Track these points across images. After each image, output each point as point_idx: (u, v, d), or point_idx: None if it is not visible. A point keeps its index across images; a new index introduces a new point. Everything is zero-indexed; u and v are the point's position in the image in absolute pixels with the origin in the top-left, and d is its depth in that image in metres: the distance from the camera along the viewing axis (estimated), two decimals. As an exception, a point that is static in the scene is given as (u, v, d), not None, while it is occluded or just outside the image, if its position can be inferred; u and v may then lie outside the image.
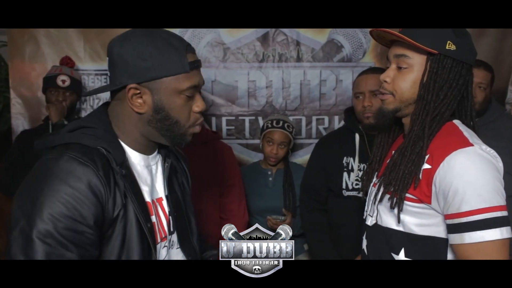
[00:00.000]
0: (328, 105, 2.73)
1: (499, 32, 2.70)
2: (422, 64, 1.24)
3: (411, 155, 1.23)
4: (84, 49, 2.68)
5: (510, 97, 2.82)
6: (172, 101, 1.09)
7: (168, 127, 1.12)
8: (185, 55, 1.09)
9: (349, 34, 2.67)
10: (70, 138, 1.07)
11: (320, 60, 2.70)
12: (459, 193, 1.13)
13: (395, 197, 1.23)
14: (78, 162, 1.00)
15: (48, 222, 0.94)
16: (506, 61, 2.76)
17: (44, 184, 0.97)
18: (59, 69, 2.53)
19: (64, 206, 0.95)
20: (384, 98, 1.30)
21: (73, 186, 0.97)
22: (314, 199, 2.24)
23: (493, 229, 1.10)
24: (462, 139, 1.19)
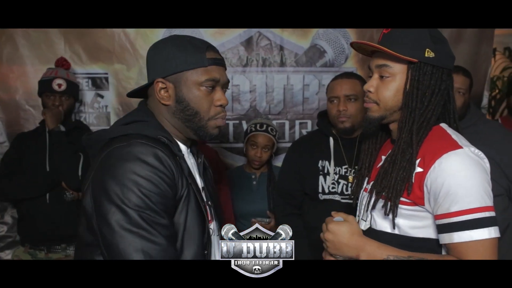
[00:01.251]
0: (311, 109, 2.76)
1: (476, 38, 2.79)
2: (403, 73, 1.27)
3: (402, 162, 1.26)
4: (65, 51, 2.63)
5: (485, 103, 2.90)
6: (192, 92, 1.21)
7: (189, 118, 1.22)
8: (204, 52, 1.21)
9: (331, 40, 2.71)
10: (129, 129, 1.17)
11: (303, 65, 2.73)
12: (450, 193, 1.16)
13: (389, 203, 1.25)
14: (149, 146, 1.11)
15: (142, 197, 1.04)
16: (482, 67, 2.85)
17: (126, 169, 1.06)
18: (55, 72, 2.45)
19: (150, 183, 1.06)
20: (369, 107, 1.33)
21: (153, 164, 1.08)
22: (289, 204, 2.23)
23: (481, 229, 1.13)
24: (452, 142, 1.23)
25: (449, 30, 2.76)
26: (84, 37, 2.63)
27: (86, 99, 2.71)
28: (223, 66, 1.26)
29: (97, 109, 2.73)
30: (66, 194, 2.34)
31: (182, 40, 1.23)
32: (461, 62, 2.56)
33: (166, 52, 1.21)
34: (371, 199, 1.34)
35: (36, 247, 2.38)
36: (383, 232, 1.30)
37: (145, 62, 2.54)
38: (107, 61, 2.68)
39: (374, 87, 1.30)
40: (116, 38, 2.65)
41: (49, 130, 2.33)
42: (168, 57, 1.20)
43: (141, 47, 2.66)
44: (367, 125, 1.35)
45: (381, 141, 1.47)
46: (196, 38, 1.26)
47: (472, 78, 2.29)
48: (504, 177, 2.15)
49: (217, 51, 1.26)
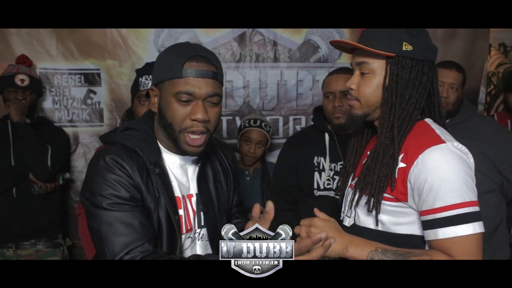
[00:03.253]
0: (305, 105, 2.75)
1: (470, 34, 2.79)
2: (382, 68, 1.27)
3: (384, 158, 1.25)
4: (56, 47, 2.61)
5: (482, 97, 2.90)
6: (167, 102, 1.21)
7: (166, 128, 1.24)
8: (183, 62, 1.18)
9: (325, 35, 2.70)
10: (119, 138, 1.27)
11: (297, 61, 2.72)
12: (433, 189, 1.15)
13: (372, 199, 1.25)
14: (117, 160, 1.19)
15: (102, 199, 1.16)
16: (477, 62, 2.84)
17: (95, 181, 1.19)
18: (17, 68, 2.42)
19: (110, 188, 1.17)
20: (351, 104, 1.33)
21: (117, 173, 1.18)
22: (284, 199, 2.21)
23: (466, 224, 1.14)
24: (435, 137, 1.22)
25: (443, 25, 2.76)
26: (75, 33, 2.61)
27: (79, 95, 2.69)
28: (207, 78, 1.19)
29: (90, 105, 2.71)
30: (34, 188, 2.31)
31: (173, 48, 1.24)
32: (456, 58, 2.56)
33: (160, 59, 1.24)
34: (355, 196, 1.34)
35: (3, 244, 2.33)
36: (367, 228, 1.30)
37: (137, 58, 2.61)
38: (99, 57, 2.66)
39: (355, 84, 1.30)
40: (108, 34, 2.63)
41: (13, 122, 2.30)
42: (160, 64, 1.23)
43: (133, 42, 2.64)
44: (351, 122, 1.36)
45: (367, 138, 1.46)
46: (189, 45, 1.26)
47: (465, 73, 2.28)
48: (497, 173, 2.14)
49: (207, 61, 1.21)
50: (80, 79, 2.68)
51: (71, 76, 2.66)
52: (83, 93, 2.70)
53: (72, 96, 2.68)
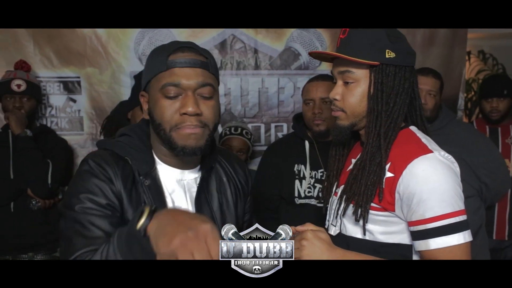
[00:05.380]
0: (286, 112, 2.75)
1: (449, 41, 2.83)
2: (366, 77, 1.24)
3: (371, 167, 1.23)
4: (34, 54, 2.58)
5: (461, 104, 2.94)
6: (155, 101, 1.09)
7: (157, 131, 1.11)
8: (168, 54, 1.07)
9: (305, 42, 2.71)
10: (109, 144, 1.17)
11: (278, 68, 2.73)
12: (423, 199, 1.14)
13: (360, 209, 1.23)
14: (105, 162, 1.10)
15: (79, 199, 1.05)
16: (456, 69, 2.89)
17: (73, 185, 1.10)
18: (13, 74, 2.36)
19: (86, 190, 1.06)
20: (337, 115, 1.30)
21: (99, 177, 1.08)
22: (265, 208, 2.20)
23: (456, 234, 1.13)
24: (421, 146, 1.21)
25: (422, 32, 2.79)
26: (54, 40, 2.58)
27: (58, 103, 2.66)
28: (192, 67, 1.07)
29: (70, 114, 2.68)
30: (32, 203, 2.25)
31: (158, 47, 1.13)
32: (434, 65, 2.60)
33: (146, 62, 1.14)
34: (341, 205, 1.31)
35: (0, 256, 2.27)
36: (353, 238, 1.28)
37: (117, 65, 2.59)
38: (79, 65, 2.63)
39: (339, 94, 1.27)
40: (88, 41, 2.60)
41: (14, 135, 2.24)
42: (145, 67, 1.14)
43: (113, 50, 2.62)
44: (338, 134, 1.32)
45: (349, 146, 1.44)
46: (175, 41, 1.14)
47: (442, 80, 2.32)
48: (476, 178, 2.17)
49: (195, 51, 1.10)
50: (59, 87, 2.64)
51: (50, 84, 2.62)
52: (62, 101, 2.66)
53: (50, 104, 2.65)
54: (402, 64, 1.25)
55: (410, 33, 2.78)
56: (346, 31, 1.25)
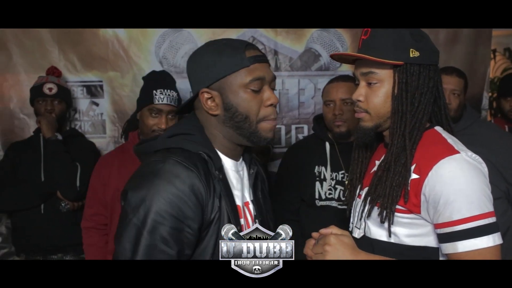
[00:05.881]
0: (307, 113, 2.74)
1: (472, 39, 2.77)
2: (390, 77, 1.23)
3: (397, 167, 1.21)
4: (59, 59, 2.63)
5: (485, 103, 2.87)
6: (239, 97, 1.14)
7: (239, 124, 1.16)
8: (243, 51, 1.14)
9: (326, 43, 2.69)
10: (172, 143, 1.16)
11: (298, 69, 2.71)
12: (450, 201, 1.12)
13: (385, 210, 1.21)
14: (183, 166, 1.08)
15: (155, 218, 1.03)
16: (480, 68, 2.82)
17: (151, 184, 1.05)
18: (45, 78, 2.43)
19: (169, 205, 1.04)
20: (360, 117, 1.28)
21: (178, 187, 1.05)
22: (286, 210, 2.18)
23: (485, 236, 1.10)
24: (448, 147, 1.19)
25: (445, 31, 2.74)
26: (78, 45, 2.63)
27: (81, 107, 2.71)
28: (266, 63, 1.19)
29: (92, 117, 2.72)
30: (62, 205, 2.30)
31: (218, 44, 1.18)
32: (457, 63, 2.54)
33: (205, 60, 1.16)
34: (365, 207, 1.29)
35: (31, 257, 2.34)
36: (378, 240, 1.26)
37: (138, 69, 2.62)
38: (101, 69, 2.67)
39: (363, 96, 1.26)
40: (110, 46, 2.65)
41: (45, 138, 2.30)
42: (208, 64, 1.15)
43: (134, 54, 2.65)
44: (362, 136, 1.30)
45: (372, 148, 1.42)
46: (232, 39, 1.22)
47: (467, 79, 2.26)
48: (503, 180, 2.11)
49: (256, 48, 1.20)
50: (83, 91, 2.69)
51: (74, 88, 2.67)
52: (85, 105, 2.71)
53: (74, 108, 2.70)
54: (427, 63, 1.23)
55: (433, 32, 2.73)
56: (368, 31, 1.24)
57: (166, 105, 2.03)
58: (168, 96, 2.04)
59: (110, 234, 2.13)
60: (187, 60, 1.23)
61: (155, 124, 2.03)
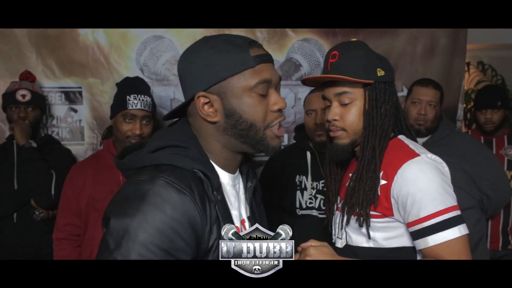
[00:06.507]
0: (287, 122, 2.75)
1: (449, 52, 2.85)
2: (362, 95, 1.34)
3: (368, 174, 1.32)
4: (37, 64, 2.58)
5: (460, 114, 2.95)
6: (243, 102, 0.99)
7: (244, 133, 1.01)
8: (247, 50, 0.99)
9: (306, 53, 2.73)
10: (162, 158, 0.99)
11: (279, 79, 2.73)
12: (416, 200, 1.23)
13: (361, 216, 1.31)
14: (175, 188, 0.92)
15: (140, 251, 0.87)
16: (455, 80, 2.91)
17: (137, 210, 0.89)
18: (19, 84, 2.36)
19: (159, 236, 0.88)
20: (337, 135, 1.37)
21: (169, 215, 0.90)
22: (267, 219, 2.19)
23: (452, 228, 1.21)
24: (409, 151, 1.31)
25: (423, 44, 2.81)
26: (56, 50, 2.58)
27: (59, 113, 2.66)
28: (272, 62, 1.04)
29: (71, 124, 2.68)
30: (36, 213, 2.25)
31: (217, 41, 1.00)
32: (434, 76, 2.61)
33: (203, 58, 0.99)
34: (343, 217, 1.38)
35: None
36: (360, 247, 1.35)
37: (119, 76, 2.59)
38: (81, 75, 2.63)
39: (338, 115, 1.35)
40: (90, 52, 2.62)
41: (19, 146, 2.23)
42: (206, 64, 0.99)
43: (115, 61, 2.63)
44: (340, 153, 1.39)
45: (344, 164, 1.50)
46: (233, 35, 1.04)
47: (442, 90, 2.33)
48: (477, 189, 2.17)
49: (260, 46, 1.03)
50: (61, 97, 2.65)
51: (52, 94, 2.63)
52: (63, 111, 2.66)
53: (52, 114, 2.65)
54: (389, 80, 1.36)
55: (411, 45, 2.81)
56: (336, 54, 1.33)
57: (140, 110, 2.02)
58: (142, 101, 2.03)
59: (82, 245, 2.09)
60: (180, 58, 1.06)
61: (129, 129, 2.02)
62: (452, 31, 2.82)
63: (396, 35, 2.77)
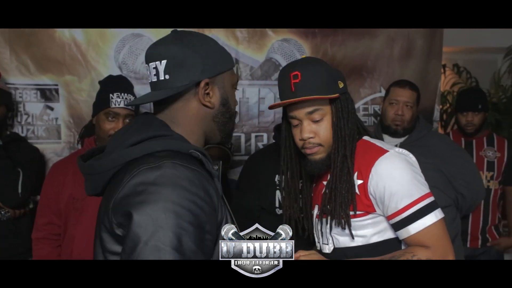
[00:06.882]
0: (266, 122, 2.77)
1: (424, 54, 2.90)
2: (329, 109, 1.41)
3: (342, 177, 1.38)
4: (11, 61, 2.51)
5: (437, 115, 3.01)
6: (232, 94, 1.14)
7: (226, 121, 1.13)
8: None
9: (286, 54, 2.74)
10: (155, 146, 0.97)
11: (259, 78, 2.74)
12: (393, 193, 1.31)
13: (342, 218, 1.37)
14: (184, 167, 0.94)
15: (175, 231, 0.87)
16: (432, 82, 2.96)
17: (158, 195, 0.89)
18: None
19: (187, 213, 0.89)
20: (314, 151, 1.41)
21: (189, 190, 0.91)
22: (246, 218, 2.12)
23: (429, 215, 1.29)
24: (378, 149, 1.39)
25: (400, 46, 2.86)
26: (31, 47, 2.52)
27: (34, 111, 2.59)
28: None
29: (47, 122, 2.62)
30: (1, 213, 2.19)
31: (208, 39, 1.12)
32: (411, 77, 2.66)
33: (206, 50, 1.07)
34: (324, 223, 1.43)
35: None
36: (348, 247, 1.40)
37: (97, 74, 2.55)
38: (57, 72, 2.57)
39: (314, 132, 1.40)
40: (67, 49, 2.56)
41: None
42: (209, 55, 1.06)
43: (92, 58, 2.58)
44: (320, 167, 1.43)
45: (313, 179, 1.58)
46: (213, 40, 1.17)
47: (419, 91, 2.37)
48: (452, 189, 2.22)
49: None
50: (36, 94, 2.59)
51: (26, 91, 2.56)
52: (39, 109, 2.60)
53: (27, 112, 2.58)
54: (347, 90, 1.45)
55: (388, 47, 2.84)
56: (298, 75, 1.36)
57: (123, 109, 2.00)
58: (125, 100, 2.01)
59: (63, 245, 2.06)
60: (175, 43, 1.06)
61: (111, 128, 1.99)
62: (428, 33, 2.87)
63: (374, 36, 2.81)
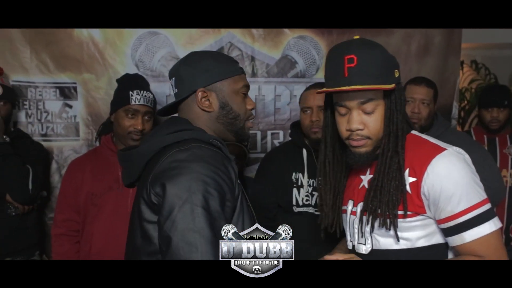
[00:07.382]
0: (282, 119, 2.76)
1: (443, 51, 2.86)
2: (382, 100, 1.27)
3: (390, 173, 1.26)
4: (31, 59, 2.56)
5: (455, 113, 2.97)
6: (234, 98, 1.35)
7: (231, 121, 1.35)
8: (236, 63, 1.38)
9: (302, 51, 2.73)
10: (183, 135, 1.25)
11: (275, 76, 2.74)
12: (449, 196, 1.19)
13: (388, 218, 1.25)
14: (208, 149, 1.21)
15: (205, 195, 1.09)
16: (450, 79, 2.91)
17: (188, 169, 1.13)
18: None
19: (213, 182, 1.12)
20: (360, 144, 1.28)
21: (215, 166, 1.16)
22: (263, 216, 2.16)
23: (487, 223, 1.18)
24: (434, 146, 1.27)
25: (417, 42, 2.82)
26: (51, 45, 2.56)
27: (54, 109, 2.64)
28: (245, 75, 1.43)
29: (65, 119, 2.66)
30: (11, 208, 2.23)
31: (212, 53, 1.44)
32: (429, 74, 2.63)
33: (203, 64, 1.32)
34: (365, 222, 1.31)
35: None
36: (391, 250, 1.28)
37: (114, 72, 2.59)
38: (75, 71, 2.62)
39: (362, 124, 1.26)
40: (85, 47, 2.60)
41: None
42: (207, 68, 1.32)
43: (110, 56, 2.62)
44: (364, 160, 1.30)
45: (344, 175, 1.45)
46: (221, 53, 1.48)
47: (436, 88, 2.34)
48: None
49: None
50: (55, 92, 2.63)
51: (46, 89, 2.61)
52: (58, 107, 2.65)
53: (46, 110, 2.63)
54: (400, 80, 1.29)
55: (406, 43, 2.82)
56: (354, 59, 1.20)
57: (142, 106, 2.03)
58: (144, 97, 2.04)
59: (81, 241, 2.09)
60: (179, 63, 1.37)
61: (131, 125, 2.02)
62: (446, 30, 2.83)
63: (391, 33, 2.78)
